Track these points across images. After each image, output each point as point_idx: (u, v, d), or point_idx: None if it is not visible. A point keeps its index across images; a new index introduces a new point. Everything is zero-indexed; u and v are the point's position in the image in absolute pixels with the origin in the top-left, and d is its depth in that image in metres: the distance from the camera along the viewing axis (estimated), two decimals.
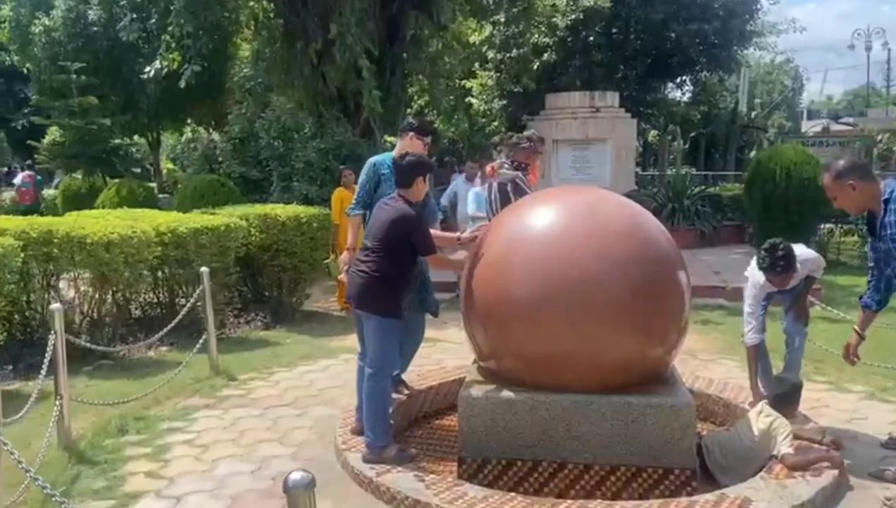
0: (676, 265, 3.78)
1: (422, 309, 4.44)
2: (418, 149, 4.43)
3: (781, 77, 56.71)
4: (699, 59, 19.93)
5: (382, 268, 3.70)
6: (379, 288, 3.71)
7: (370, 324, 3.76)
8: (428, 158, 3.95)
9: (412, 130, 4.46)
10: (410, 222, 3.68)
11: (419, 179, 3.85)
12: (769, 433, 3.65)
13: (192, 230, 6.33)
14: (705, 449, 3.77)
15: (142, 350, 6.19)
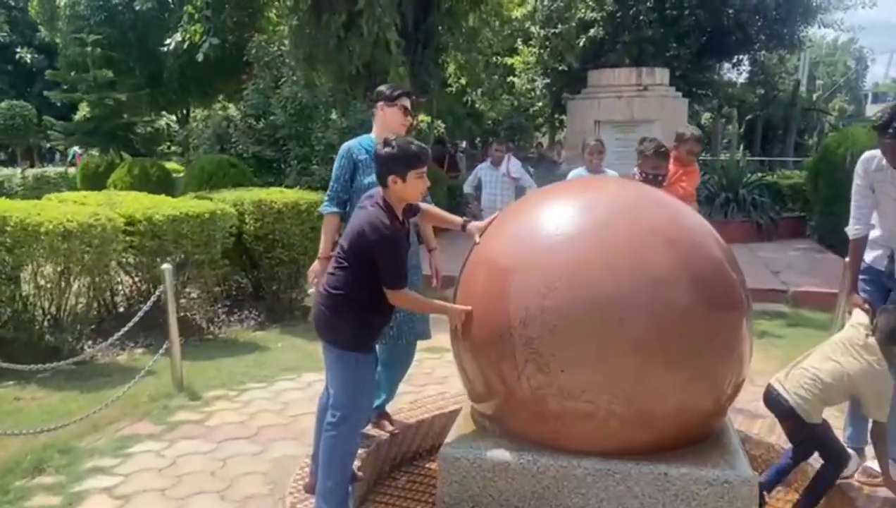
0: (735, 284, 2.83)
1: (410, 332, 3.57)
2: (397, 121, 3.55)
3: (844, 58, 53.90)
4: (758, 37, 18.41)
5: (347, 287, 2.83)
6: (342, 312, 2.85)
7: (331, 357, 2.91)
8: (419, 144, 2.86)
9: (380, 98, 3.57)
10: (377, 237, 2.72)
11: (396, 177, 2.78)
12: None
13: (168, 218, 5.56)
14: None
15: (109, 353, 5.48)
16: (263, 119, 10.31)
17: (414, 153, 2.82)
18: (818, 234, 10.72)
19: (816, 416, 3.06)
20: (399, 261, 2.77)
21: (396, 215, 2.84)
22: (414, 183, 2.83)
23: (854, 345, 3.05)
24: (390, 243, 2.73)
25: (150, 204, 5.82)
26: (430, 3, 12.54)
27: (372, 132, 3.65)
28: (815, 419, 3.05)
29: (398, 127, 3.57)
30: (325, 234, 3.61)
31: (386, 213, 2.78)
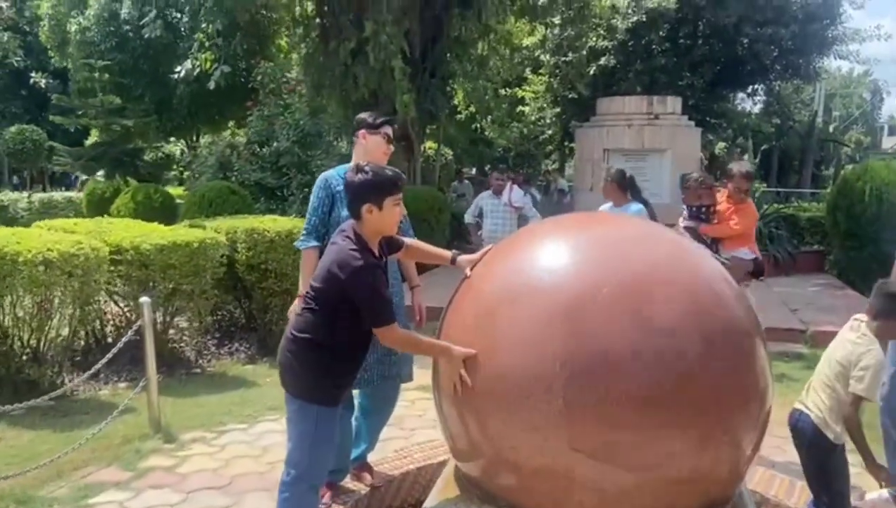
0: (751, 333, 2.54)
1: (389, 375, 3.30)
2: (379, 149, 3.32)
3: (860, 90, 53.62)
4: (773, 67, 18.24)
5: (314, 331, 2.56)
6: (307, 359, 2.58)
7: (291, 408, 2.64)
8: (394, 172, 2.64)
9: (361, 126, 3.35)
10: (348, 275, 2.45)
11: (372, 205, 2.54)
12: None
13: (156, 247, 5.35)
14: None
15: (90, 388, 5.24)
16: (267, 146, 10.17)
17: (390, 178, 2.58)
18: (837, 269, 10.38)
19: (835, 426, 2.92)
20: (380, 295, 2.49)
21: (371, 248, 2.58)
22: (391, 211, 2.58)
23: (847, 334, 3.02)
24: (365, 279, 2.45)
25: (139, 233, 5.61)
26: (438, 31, 12.46)
27: (352, 162, 3.42)
28: (833, 432, 2.91)
29: (380, 156, 3.36)
30: (303, 271, 3.33)
31: (358, 247, 2.51)
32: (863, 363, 2.87)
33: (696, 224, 4.42)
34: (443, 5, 11.99)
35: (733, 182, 4.48)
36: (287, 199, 9.92)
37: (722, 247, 4.47)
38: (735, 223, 4.46)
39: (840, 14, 17.32)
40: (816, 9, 16.53)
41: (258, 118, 10.50)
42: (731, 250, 4.45)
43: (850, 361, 2.91)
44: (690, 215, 4.43)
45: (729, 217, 4.50)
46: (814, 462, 3.01)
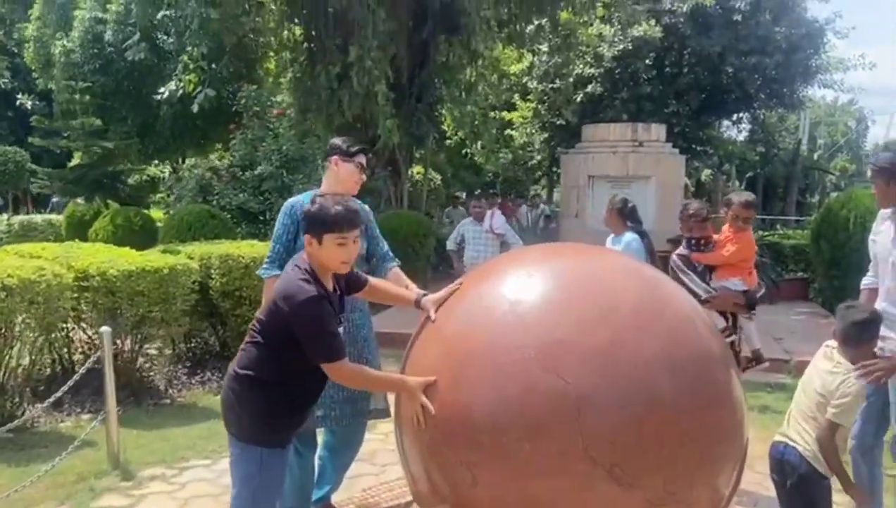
0: (724, 369, 2.45)
1: (357, 411, 3.16)
2: (352, 178, 3.22)
3: (845, 118, 54.31)
4: (758, 96, 18.40)
5: (258, 367, 2.41)
6: (249, 398, 2.43)
7: (234, 450, 2.48)
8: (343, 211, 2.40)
9: (335, 152, 3.24)
10: (292, 307, 2.29)
11: (312, 238, 2.39)
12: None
13: (123, 274, 5.19)
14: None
15: (52, 419, 5.05)
16: (250, 170, 10.06)
17: (332, 216, 2.38)
18: (822, 297, 10.31)
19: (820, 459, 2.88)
20: (325, 329, 2.34)
21: (321, 279, 2.44)
22: (331, 249, 2.40)
23: (823, 363, 2.97)
24: (309, 311, 2.30)
25: (107, 258, 5.45)
26: (426, 56, 12.47)
27: (321, 188, 3.31)
28: (823, 465, 2.86)
29: (352, 185, 3.25)
30: (265, 298, 3.22)
31: (306, 277, 2.37)
32: (842, 391, 2.82)
33: (689, 253, 4.37)
34: (430, 31, 12.00)
35: (732, 210, 4.47)
36: (269, 223, 9.79)
37: (714, 276, 4.40)
38: (726, 251, 4.41)
39: (824, 44, 17.51)
40: (800, 39, 16.70)
41: (241, 142, 10.40)
42: (721, 279, 4.38)
43: (829, 391, 2.86)
44: (688, 244, 4.38)
45: (723, 246, 4.46)
46: (802, 496, 2.92)
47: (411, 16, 11.63)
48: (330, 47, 11.35)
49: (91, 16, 15.06)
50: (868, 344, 2.94)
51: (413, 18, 11.74)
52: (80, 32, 14.90)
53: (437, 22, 11.71)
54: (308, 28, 12.37)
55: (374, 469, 4.16)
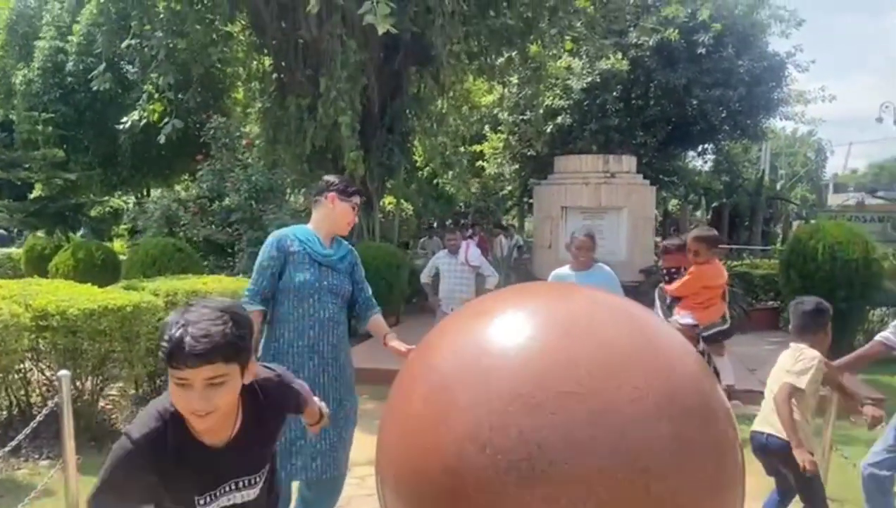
0: (722, 419, 2.35)
1: (335, 466, 3.01)
2: (346, 218, 3.11)
3: (804, 149, 55.84)
4: (722, 127, 18.81)
5: None
6: None
7: None
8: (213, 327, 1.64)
9: (330, 189, 3.11)
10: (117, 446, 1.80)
11: (171, 372, 1.67)
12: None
13: (85, 313, 4.97)
14: None
15: (8, 466, 4.78)
16: (218, 201, 9.87)
17: (171, 343, 1.63)
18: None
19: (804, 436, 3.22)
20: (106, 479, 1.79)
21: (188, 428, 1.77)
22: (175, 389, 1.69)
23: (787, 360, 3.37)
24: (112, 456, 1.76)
25: (67, 296, 5.22)
26: (398, 87, 12.46)
27: (310, 224, 3.17)
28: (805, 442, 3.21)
29: (345, 226, 3.15)
30: None
31: (162, 423, 1.76)
32: (800, 359, 3.25)
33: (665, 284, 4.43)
34: (401, 62, 12.02)
35: (688, 244, 4.57)
36: (237, 254, 9.59)
37: (675, 309, 4.44)
38: (674, 285, 4.50)
39: (785, 77, 18.00)
40: (762, 72, 17.13)
41: (209, 172, 10.22)
42: (676, 313, 4.43)
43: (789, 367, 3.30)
44: (664, 276, 4.45)
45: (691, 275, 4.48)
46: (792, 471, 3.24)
47: (382, 47, 11.64)
48: (300, 79, 11.28)
49: (52, 45, 14.82)
50: (822, 330, 3.34)
51: (384, 49, 11.74)
52: (40, 62, 14.64)
53: (408, 53, 11.73)
54: (277, 59, 12.31)
55: None
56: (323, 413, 2.32)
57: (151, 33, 11.06)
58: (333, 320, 3.01)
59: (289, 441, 2.89)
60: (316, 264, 3.00)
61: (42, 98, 14.34)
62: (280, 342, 2.96)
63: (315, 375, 2.95)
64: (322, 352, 2.96)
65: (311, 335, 2.95)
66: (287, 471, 2.90)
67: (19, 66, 14.98)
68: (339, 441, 2.97)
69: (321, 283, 2.99)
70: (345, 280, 3.09)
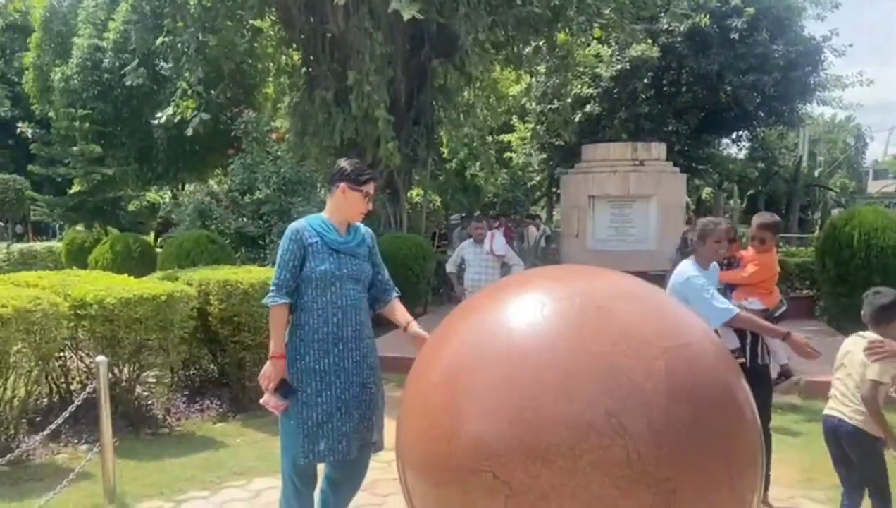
0: (738, 397, 2.35)
1: (364, 445, 3.08)
2: (357, 208, 3.13)
3: (843, 135, 54.52)
4: (757, 114, 18.47)
5: None
6: None
7: None
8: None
9: (342, 178, 3.13)
10: None
11: None
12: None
13: (121, 301, 5.12)
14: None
15: (48, 451, 4.95)
16: (249, 194, 10.03)
17: None
18: (828, 315, 10.21)
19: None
20: None
21: None
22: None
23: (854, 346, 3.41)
24: None
25: (105, 286, 5.38)
26: (423, 79, 12.49)
27: (325, 212, 3.21)
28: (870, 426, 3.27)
29: (357, 215, 3.16)
30: (274, 330, 3.06)
31: None
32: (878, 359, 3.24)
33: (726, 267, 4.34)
34: (427, 54, 12.04)
35: (751, 231, 4.55)
36: (268, 247, 9.75)
37: (734, 295, 4.36)
38: (746, 272, 4.44)
39: (822, 61, 17.60)
40: (798, 56, 16.78)
41: (240, 166, 10.39)
42: (739, 299, 4.34)
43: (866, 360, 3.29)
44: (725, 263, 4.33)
45: (745, 265, 4.45)
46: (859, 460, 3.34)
47: (408, 39, 11.67)
48: (327, 72, 11.38)
49: (89, 43, 15.15)
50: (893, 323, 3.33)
51: (410, 41, 11.78)
52: (78, 59, 14.99)
53: (434, 45, 11.74)
54: (306, 53, 12.42)
55: (375, 499, 4.06)
56: None
57: (183, 29, 11.25)
58: (355, 306, 3.07)
59: (315, 424, 2.96)
60: (334, 253, 3.04)
61: (80, 95, 14.69)
62: (305, 330, 3.03)
63: (340, 360, 3.01)
64: (346, 338, 3.02)
65: (335, 323, 3.01)
66: (313, 454, 2.97)
67: (56, 63, 15.34)
68: (363, 424, 3.03)
69: (341, 271, 3.03)
70: (364, 265, 3.14)
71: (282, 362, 3.02)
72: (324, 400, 2.98)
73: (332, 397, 2.98)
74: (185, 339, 5.73)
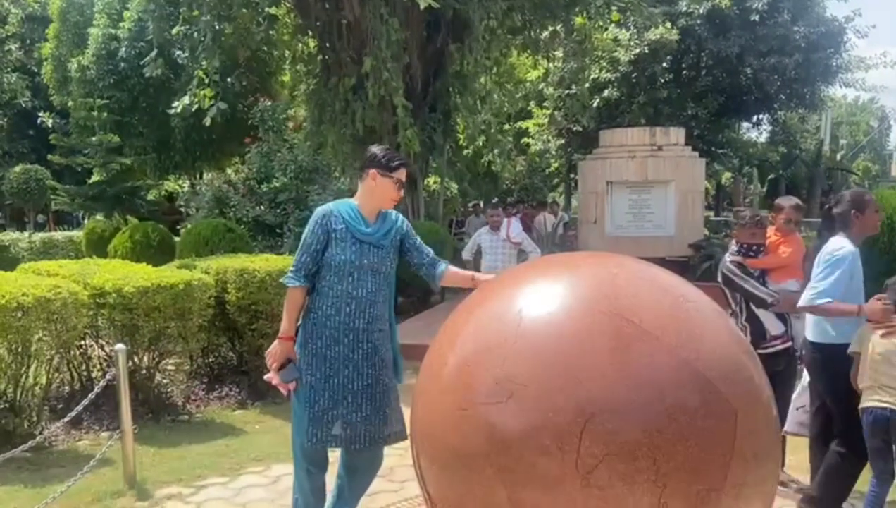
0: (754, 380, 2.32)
1: (378, 434, 3.08)
2: (388, 194, 3.09)
3: (866, 118, 53.60)
4: (778, 97, 18.18)
5: None
6: None
7: None
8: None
9: (373, 164, 3.09)
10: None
11: None
12: None
13: (139, 290, 5.16)
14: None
15: (70, 437, 5.02)
16: (266, 183, 10.07)
17: None
18: None
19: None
20: None
21: None
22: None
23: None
24: None
25: (123, 274, 5.42)
26: (440, 65, 12.41)
27: (355, 198, 3.18)
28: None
29: (388, 202, 3.13)
30: (287, 310, 3.08)
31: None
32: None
33: (743, 259, 4.25)
34: (443, 40, 11.95)
35: (784, 214, 4.50)
36: (285, 235, 9.78)
37: (769, 280, 4.30)
38: (783, 253, 4.42)
39: (844, 42, 17.27)
40: (820, 38, 16.47)
41: (257, 154, 10.41)
42: (778, 282, 4.29)
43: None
44: (740, 251, 4.25)
45: (776, 249, 4.45)
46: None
47: (424, 25, 11.59)
48: (344, 59, 11.34)
49: (105, 32, 15.22)
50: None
51: (426, 27, 11.69)
52: (94, 49, 15.06)
53: (450, 31, 11.66)
54: (322, 40, 12.38)
55: (392, 486, 4.07)
56: None
57: (199, 19, 11.24)
58: (370, 298, 3.04)
59: (321, 409, 2.97)
60: (357, 243, 3.02)
61: (97, 84, 14.79)
62: (318, 314, 3.03)
63: (349, 351, 3.01)
64: (357, 329, 3.00)
65: (348, 312, 3.00)
66: (317, 438, 2.98)
67: (73, 53, 15.44)
68: (375, 415, 3.02)
69: (361, 261, 3.01)
70: (387, 257, 3.09)
71: (289, 343, 3.05)
72: (331, 387, 2.99)
73: (339, 385, 2.99)
74: (203, 327, 5.77)
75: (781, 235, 4.49)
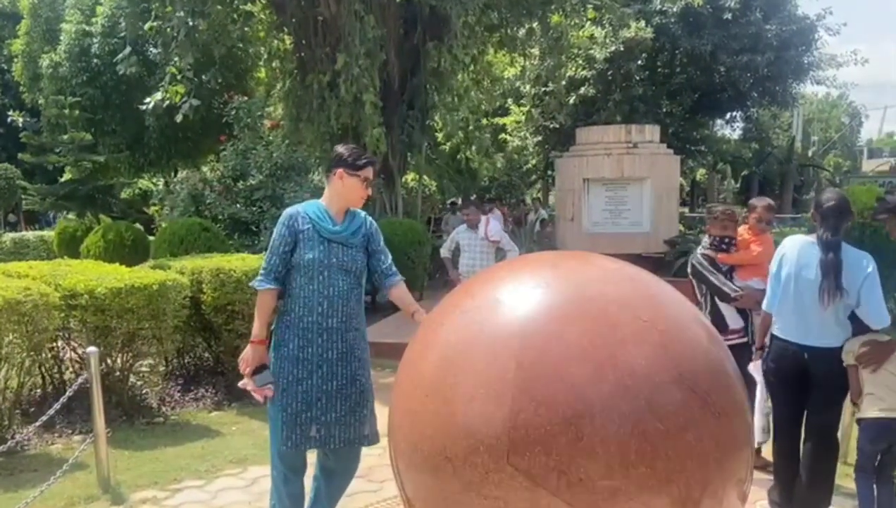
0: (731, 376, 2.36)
1: (354, 436, 3.07)
2: (356, 193, 3.09)
3: (838, 114, 54.43)
4: (750, 94, 18.42)
5: None
6: None
7: None
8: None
9: (340, 163, 3.08)
10: None
11: None
12: None
13: (112, 291, 5.08)
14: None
15: (42, 441, 4.94)
16: (242, 180, 9.98)
17: None
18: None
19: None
20: None
21: None
22: None
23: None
24: None
25: (95, 275, 5.34)
26: (417, 62, 12.38)
27: (323, 198, 3.17)
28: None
29: (356, 200, 3.11)
30: (258, 314, 3.06)
31: None
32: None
33: (715, 253, 4.38)
34: (420, 37, 11.92)
35: (756, 213, 4.62)
36: (261, 233, 9.70)
37: (736, 276, 4.40)
38: (754, 252, 4.50)
39: (815, 40, 17.54)
40: (791, 36, 16.71)
41: (232, 152, 10.32)
42: (744, 279, 4.39)
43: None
44: (712, 244, 4.38)
45: (747, 246, 4.54)
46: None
47: (401, 22, 11.55)
48: (319, 56, 11.27)
49: (77, 28, 14.95)
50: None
51: (403, 24, 11.66)
52: (66, 46, 14.79)
53: (427, 28, 11.63)
54: (298, 37, 12.28)
55: (371, 486, 4.06)
56: None
57: (172, 14, 11.09)
58: (343, 296, 3.03)
59: (294, 412, 2.96)
60: (325, 242, 3.01)
61: (69, 81, 14.51)
62: (290, 317, 3.02)
63: (323, 351, 2.99)
64: (331, 328, 2.99)
65: (320, 312, 2.98)
66: (291, 441, 2.97)
67: (45, 50, 15.15)
68: (352, 415, 3.01)
69: (330, 260, 3.00)
70: (357, 255, 3.09)
71: (261, 347, 3.02)
72: (304, 389, 2.97)
73: (313, 386, 2.97)
74: (178, 328, 5.71)
75: (753, 233, 4.59)
